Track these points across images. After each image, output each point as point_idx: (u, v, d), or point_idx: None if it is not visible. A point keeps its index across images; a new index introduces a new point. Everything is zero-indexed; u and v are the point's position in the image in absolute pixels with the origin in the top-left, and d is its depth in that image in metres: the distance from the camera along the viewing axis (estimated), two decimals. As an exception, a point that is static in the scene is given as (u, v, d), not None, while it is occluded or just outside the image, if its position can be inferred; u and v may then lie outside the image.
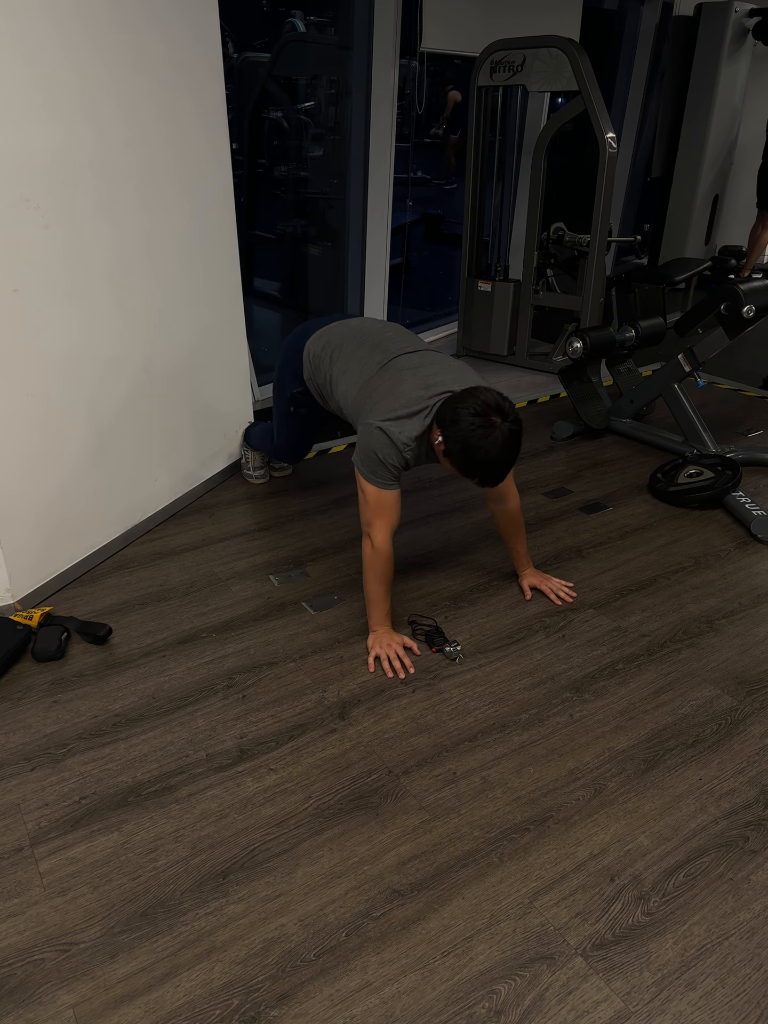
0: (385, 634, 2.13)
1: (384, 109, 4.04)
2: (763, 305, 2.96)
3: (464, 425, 1.85)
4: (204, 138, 2.58)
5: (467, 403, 1.87)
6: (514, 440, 1.88)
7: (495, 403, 1.86)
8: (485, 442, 1.84)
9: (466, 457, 1.89)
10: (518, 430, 1.89)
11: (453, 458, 1.92)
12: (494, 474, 1.93)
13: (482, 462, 1.88)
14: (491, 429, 1.84)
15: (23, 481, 2.19)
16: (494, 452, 1.86)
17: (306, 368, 2.36)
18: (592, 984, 1.33)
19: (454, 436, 1.88)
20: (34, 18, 1.92)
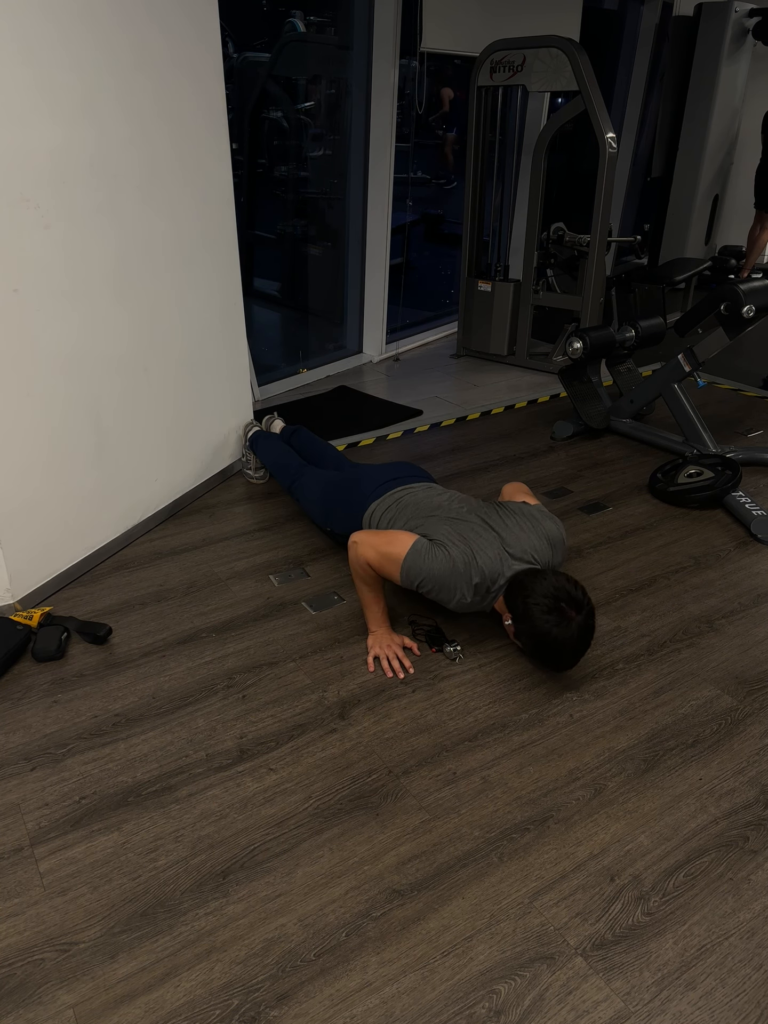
0: (385, 634, 2.12)
1: (384, 109, 4.05)
2: (763, 305, 2.96)
3: (538, 623, 1.86)
4: (204, 138, 2.58)
5: (538, 596, 1.86)
6: (588, 632, 1.88)
7: (567, 595, 1.85)
8: (561, 641, 1.85)
9: (541, 651, 1.92)
10: (592, 620, 1.88)
11: (526, 646, 1.98)
12: (568, 664, 1.96)
13: (557, 656, 1.91)
14: (567, 627, 1.84)
15: (23, 481, 2.19)
16: (570, 647, 1.87)
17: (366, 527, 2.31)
18: (592, 984, 1.33)
19: (528, 631, 1.90)
20: (34, 17, 1.92)
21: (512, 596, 1.95)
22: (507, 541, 2.02)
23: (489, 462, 3.32)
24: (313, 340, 4.69)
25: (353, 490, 2.41)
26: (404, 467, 2.48)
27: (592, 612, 1.89)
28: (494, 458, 3.35)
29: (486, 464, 3.30)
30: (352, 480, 2.46)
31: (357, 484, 2.42)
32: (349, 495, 2.42)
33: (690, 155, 5.77)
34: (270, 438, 2.98)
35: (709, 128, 5.64)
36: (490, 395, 4.12)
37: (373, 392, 4.13)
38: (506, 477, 3.16)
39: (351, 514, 2.37)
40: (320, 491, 2.56)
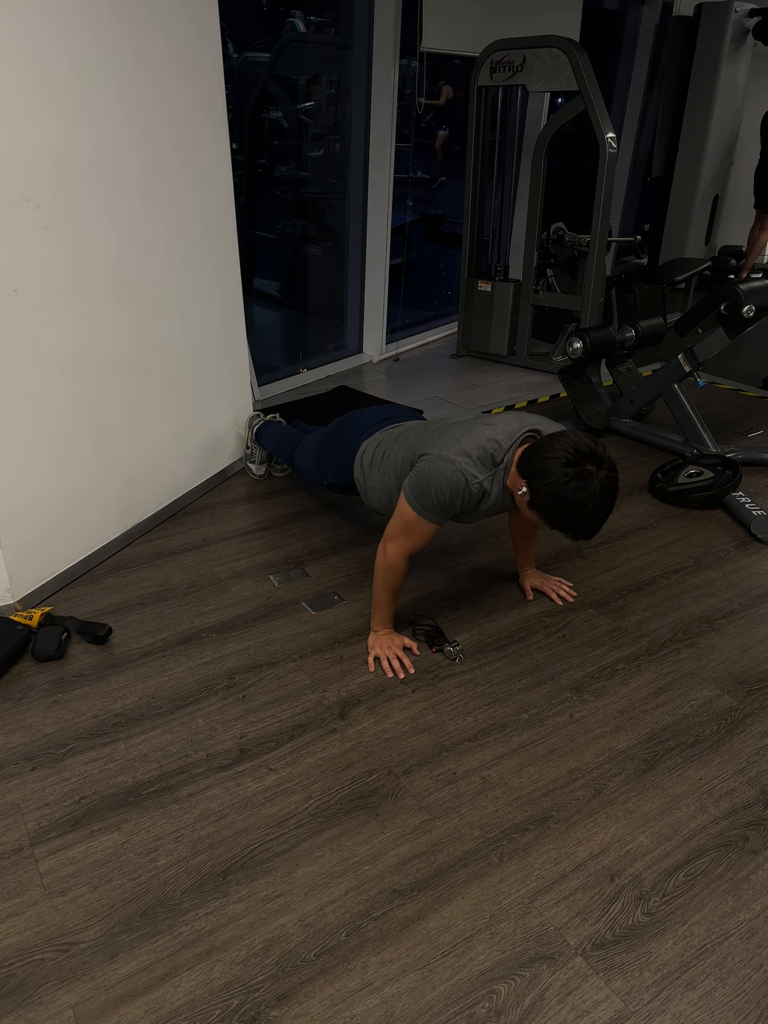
0: (385, 635, 2.12)
1: (384, 109, 4.04)
2: (763, 305, 2.96)
3: (556, 477, 1.68)
4: (204, 137, 2.58)
5: (556, 450, 1.70)
6: (612, 490, 1.70)
7: (588, 449, 1.69)
8: (582, 495, 1.67)
9: (560, 511, 1.72)
10: (615, 477, 1.71)
11: (543, 511, 1.76)
12: (591, 528, 1.75)
13: (579, 516, 1.71)
14: (587, 480, 1.67)
15: (23, 481, 2.19)
16: (592, 505, 1.68)
17: (357, 469, 2.25)
18: (592, 984, 1.33)
19: (544, 488, 1.71)
20: (35, 17, 1.92)
21: (526, 459, 1.78)
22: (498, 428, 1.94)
23: (489, 462, 3.31)
24: (313, 340, 4.70)
25: (344, 433, 2.37)
26: (395, 408, 2.45)
27: (614, 466, 1.72)
28: (494, 458, 3.35)
29: (486, 464, 3.29)
30: (342, 425, 2.43)
31: (348, 427, 2.38)
32: (340, 438, 2.37)
33: (690, 155, 5.77)
34: (274, 425, 3.00)
35: (709, 128, 5.64)
36: (490, 395, 4.12)
37: (373, 392, 4.13)
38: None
39: (344, 456, 2.30)
40: (314, 444, 2.53)
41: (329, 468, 2.43)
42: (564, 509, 1.71)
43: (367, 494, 2.24)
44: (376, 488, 2.19)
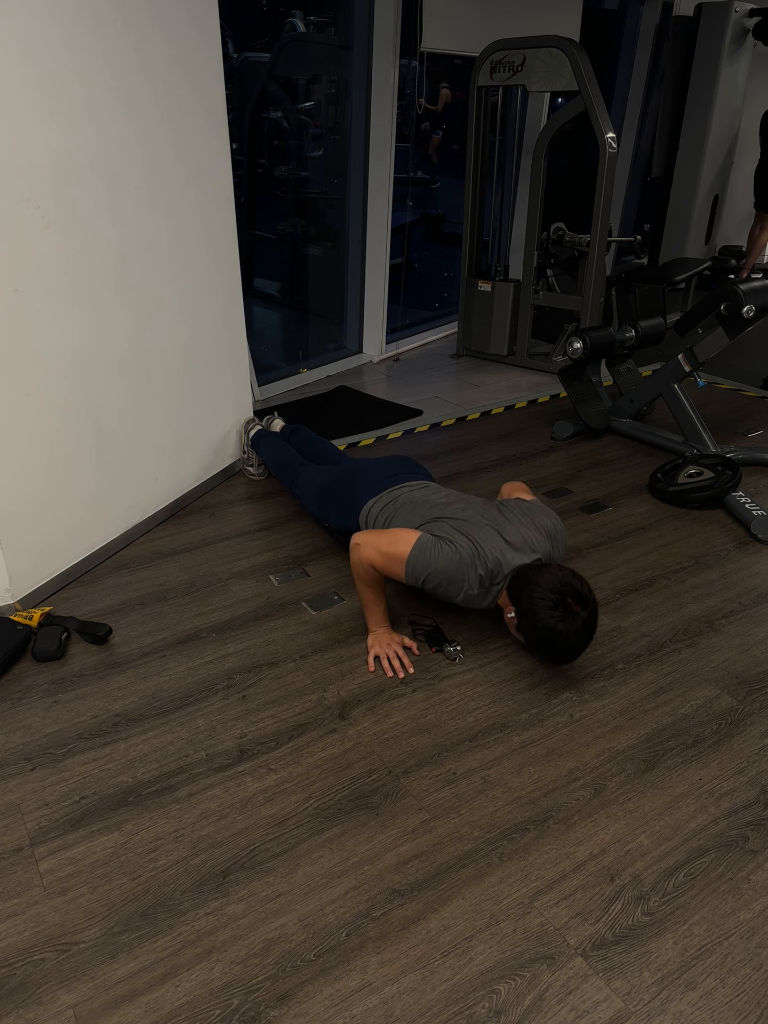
0: (385, 634, 2.12)
1: (384, 109, 4.04)
2: (763, 305, 2.96)
3: (543, 617, 1.86)
4: (204, 138, 2.58)
5: (543, 591, 1.86)
6: (592, 627, 1.89)
7: (572, 590, 1.86)
8: (565, 634, 1.86)
9: (544, 644, 1.92)
10: (595, 616, 1.89)
11: (529, 641, 1.98)
12: (570, 658, 1.96)
13: (561, 651, 1.92)
14: (571, 621, 1.85)
15: (23, 481, 2.19)
16: (574, 641, 1.88)
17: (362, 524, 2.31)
18: (592, 984, 1.33)
19: (531, 624, 1.90)
20: (36, 17, 1.92)
21: (516, 589, 1.94)
22: (506, 534, 2.02)
23: (489, 462, 3.31)
24: (313, 340, 4.70)
25: (350, 487, 2.41)
26: (402, 463, 2.47)
27: (596, 607, 1.89)
28: (494, 458, 3.35)
29: (486, 464, 3.30)
30: (350, 476, 2.46)
31: (355, 481, 2.41)
32: (346, 492, 2.41)
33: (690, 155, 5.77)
34: (271, 437, 2.99)
35: (709, 128, 5.64)
36: (490, 395, 4.12)
37: (373, 392, 4.13)
38: (506, 477, 3.16)
39: (348, 511, 2.36)
40: (318, 487, 2.56)
41: (333, 516, 2.49)
42: (547, 644, 1.91)
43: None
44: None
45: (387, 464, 2.46)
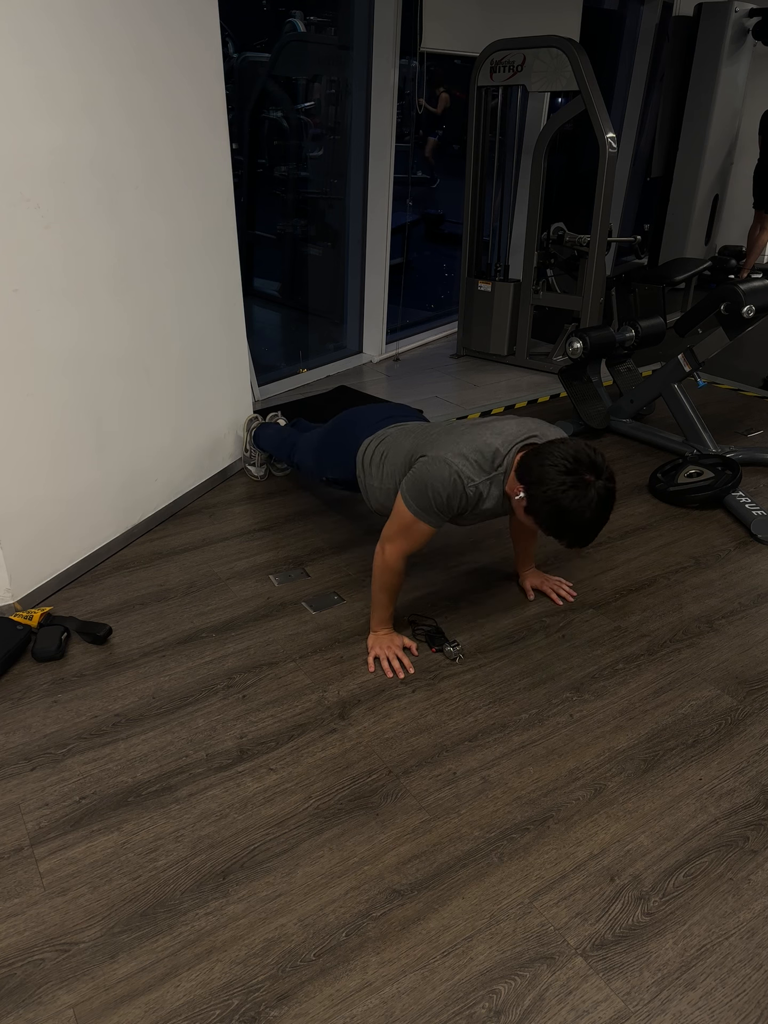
0: (385, 635, 2.12)
1: (384, 109, 4.04)
2: (763, 305, 2.96)
3: (554, 485, 1.69)
4: (205, 137, 2.58)
5: (555, 458, 1.71)
6: (609, 499, 1.72)
7: (587, 458, 1.70)
8: (579, 503, 1.68)
9: (556, 519, 1.73)
10: (613, 487, 1.72)
11: (539, 518, 1.77)
12: (586, 536, 1.77)
13: (575, 525, 1.72)
14: (585, 489, 1.68)
15: (23, 481, 2.19)
16: (589, 514, 1.70)
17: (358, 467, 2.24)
18: (592, 984, 1.33)
19: (542, 496, 1.72)
20: (36, 17, 1.92)
21: (525, 465, 1.79)
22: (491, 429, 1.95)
23: (489, 462, 3.31)
24: (313, 340, 4.70)
25: (346, 431, 2.36)
26: (397, 408, 2.43)
27: (612, 476, 1.73)
28: (494, 458, 3.35)
29: (486, 464, 3.29)
30: (345, 422, 2.42)
31: (350, 425, 2.37)
32: (342, 437, 2.36)
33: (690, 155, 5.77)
34: (272, 427, 2.99)
35: (709, 128, 5.64)
36: (490, 395, 4.12)
37: (373, 392, 4.13)
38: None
39: (345, 455, 2.29)
40: (314, 443, 2.52)
41: (329, 464, 2.43)
42: (561, 517, 1.72)
43: (367, 492, 2.24)
44: (376, 487, 2.18)
45: (381, 408, 2.41)
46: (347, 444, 2.30)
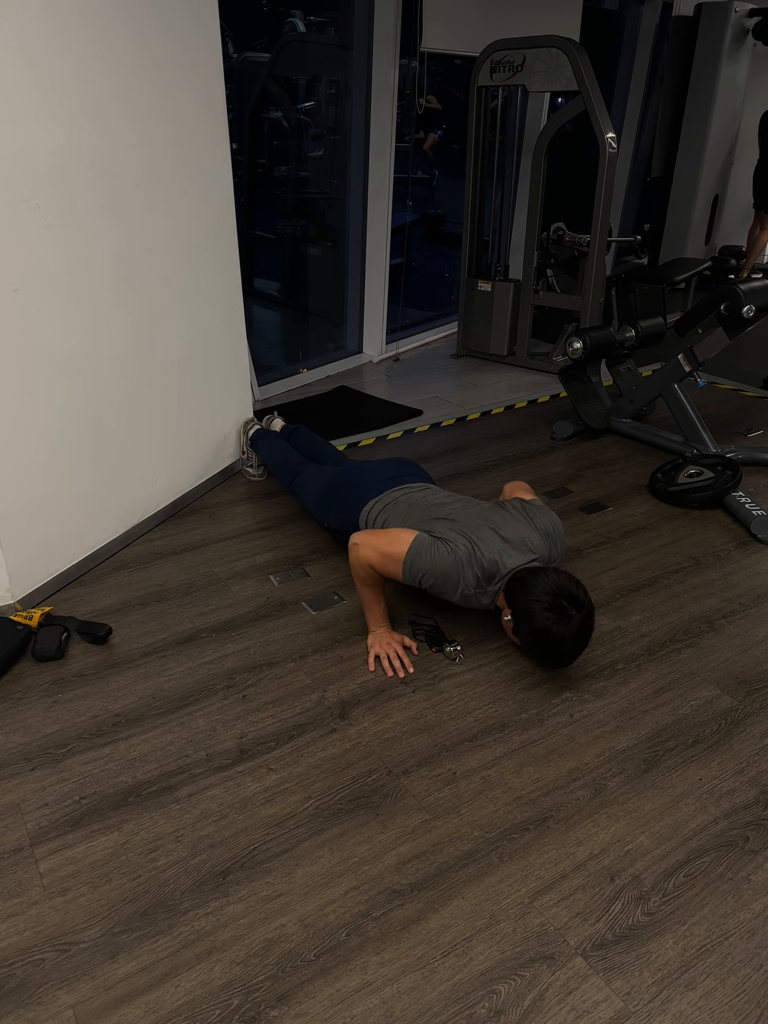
0: (385, 634, 2.12)
1: (384, 109, 4.04)
2: (763, 305, 2.96)
3: (539, 620, 1.86)
4: (205, 138, 2.58)
5: (539, 593, 1.86)
6: (588, 630, 1.89)
7: (568, 593, 1.86)
8: (561, 636, 1.86)
9: (540, 648, 1.93)
10: (592, 619, 1.89)
11: (524, 643, 1.98)
12: (567, 661, 1.96)
13: (557, 654, 1.92)
14: (566, 624, 1.85)
15: (24, 481, 2.19)
16: (568, 644, 1.88)
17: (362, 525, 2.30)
18: (592, 984, 1.33)
19: (527, 627, 1.91)
20: (36, 17, 1.92)
21: (513, 592, 1.94)
22: (504, 534, 2.02)
23: (489, 462, 3.31)
24: (313, 340, 4.70)
25: (351, 488, 2.41)
26: (402, 465, 2.47)
27: (592, 611, 1.89)
28: (494, 458, 3.35)
29: (486, 464, 3.30)
30: (350, 478, 2.46)
31: (355, 483, 2.41)
32: (347, 493, 2.41)
33: (690, 155, 5.77)
34: (270, 436, 2.99)
35: (709, 128, 5.64)
36: (490, 395, 4.12)
37: (373, 392, 4.13)
38: (506, 477, 3.16)
39: (348, 512, 2.37)
40: (318, 488, 2.56)
41: (333, 516, 2.49)
42: (543, 647, 1.92)
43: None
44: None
45: (387, 466, 2.46)
46: (350, 502, 2.37)
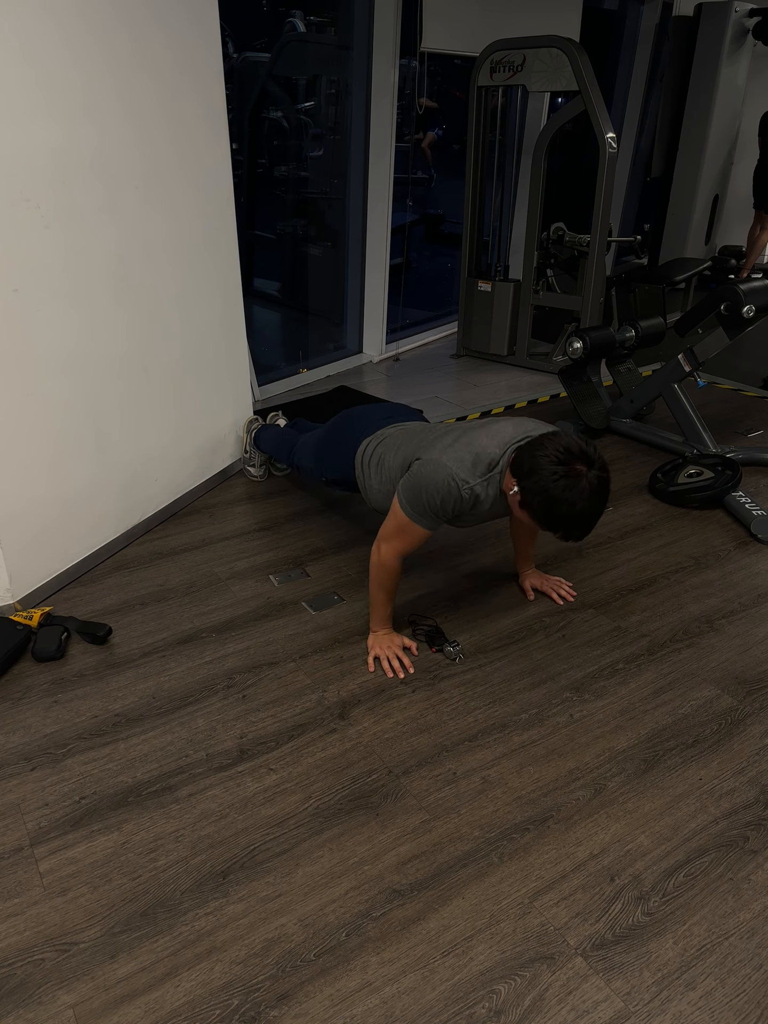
0: (385, 635, 2.12)
1: (384, 109, 4.04)
2: (763, 305, 2.96)
3: (545, 475, 1.68)
4: (204, 137, 2.58)
5: (547, 449, 1.70)
6: (603, 489, 1.70)
7: (579, 449, 1.69)
8: (570, 493, 1.66)
9: (549, 510, 1.71)
10: (606, 477, 1.71)
11: (533, 511, 1.75)
12: (580, 528, 1.74)
13: (567, 516, 1.70)
14: (577, 479, 1.66)
15: (24, 481, 2.19)
16: (580, 504, 1.67)
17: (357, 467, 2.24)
18: (592, 984, 1.33)
19: (534, 487, 1.71)
20: (36, 17, 1.92)
21: (518, 459, 1.78)
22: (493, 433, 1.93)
23: (489, 462, 3.31)
24: (313, 340, 4.70)
25: (345, 429, 2.36)
26: (397, 407, 2.43)
27: (605, 467, 1.71)
28: (494, 458, 3.35)
29: (486, 464, 3.29)
30: (343, 422, 2.41)
31: (349, 424, 2.37)
32: (341, 436, 2.36)
33: (690, 155, 5.77)
34: (272, 428, 2.99)
35: (709, 128, 5.64)
36: (490, 395, 4.12)
37: (373, 392, 4.13)
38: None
39: (344, 454, 2.29)
40: (314, 443, 2.52)
41: (329, 464, 2.42)
42: (553, 508, 1.70)
43: (367, 493, 2.24)
44: (375, 488, 2.19)
45: (381, 408, 2.41)
46: (346, 445, 2.30)
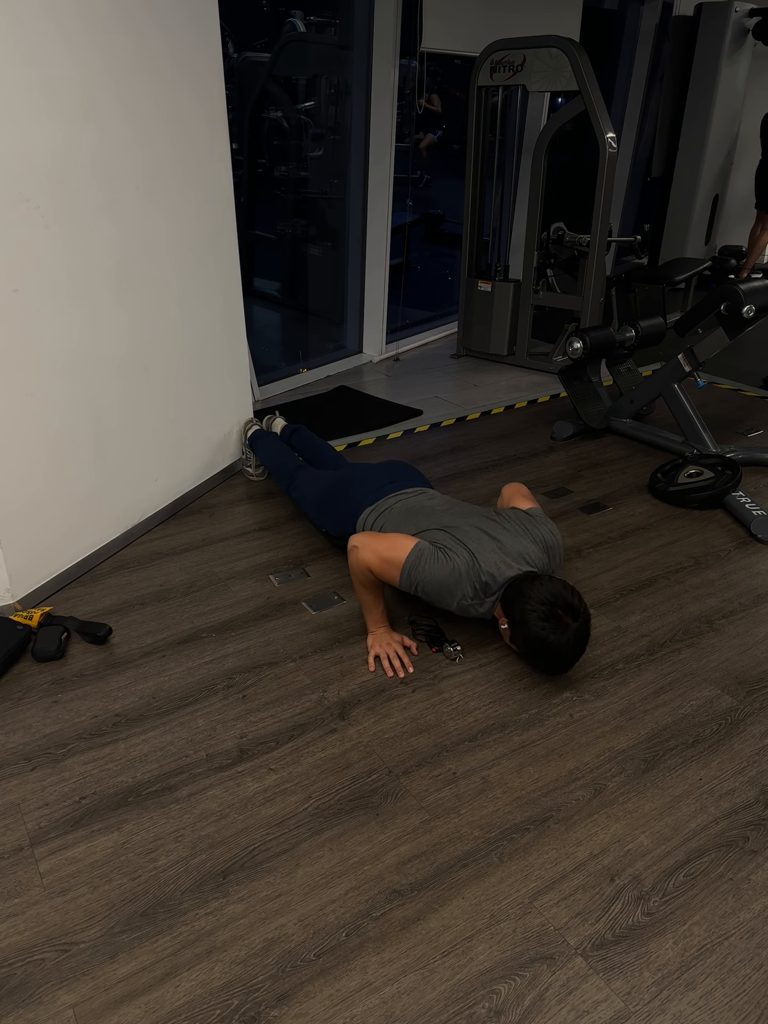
0: (384, 634, 2.12)
1: (384, 109, 4.04)
2: (763, 305, 2.96)
3: (535, 629, 1.88)
4: (204, 138, 2.58)
5: (534, 603, 1.88)
6: (583, 637, 1.90)
7: (564, 602, 1.87)
8: (555, 646, 1.88)
9: (534, 654, 1.95)
10: (587, 627, 1.90)
11: (522, 651, 1.99)
12: (562, 669, 1.98)
13: (551, 662, 1.94)
14: (562, 633, 1.86)
15: (24, 481, 2.19)
16: (564, 652, 1.90)
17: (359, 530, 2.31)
18: (592, 984, 1.33)
19: (523, 635, 1.92)
20: (36, 18, 1.92)
21: (509, 601, 1.95)
22: (503, 545, 2.02)
23: (489, 462, 3.31)
24: (313, 340, 4.70)
25: (347, 494, 2.41)
26: (399, 469, 2.47)
27: (588, 619, 1.90)
28: (494, 458, 3.35)
29: (486, 464, 3.30)
30: (347, 483, 2.45)
31: (352, 488, 2.41)
32: (344, 499, 2.41)
33: (690, 155, 5.77)
34: (269, 437, 2.99)
35: (709, 128, 5.64)
36: (490, 395, 4.12)
37: (373, 392, 4.13)
38: (506, 477, 3.16)
39: (346, 518, 2.37)
40: (316, 493, 2.56)
41: (330, 522, 2.48)
42: (540, 655, 1.94)
43: None
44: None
45: (384, 470, 2.46)
46: (347, 509, 2.37)
